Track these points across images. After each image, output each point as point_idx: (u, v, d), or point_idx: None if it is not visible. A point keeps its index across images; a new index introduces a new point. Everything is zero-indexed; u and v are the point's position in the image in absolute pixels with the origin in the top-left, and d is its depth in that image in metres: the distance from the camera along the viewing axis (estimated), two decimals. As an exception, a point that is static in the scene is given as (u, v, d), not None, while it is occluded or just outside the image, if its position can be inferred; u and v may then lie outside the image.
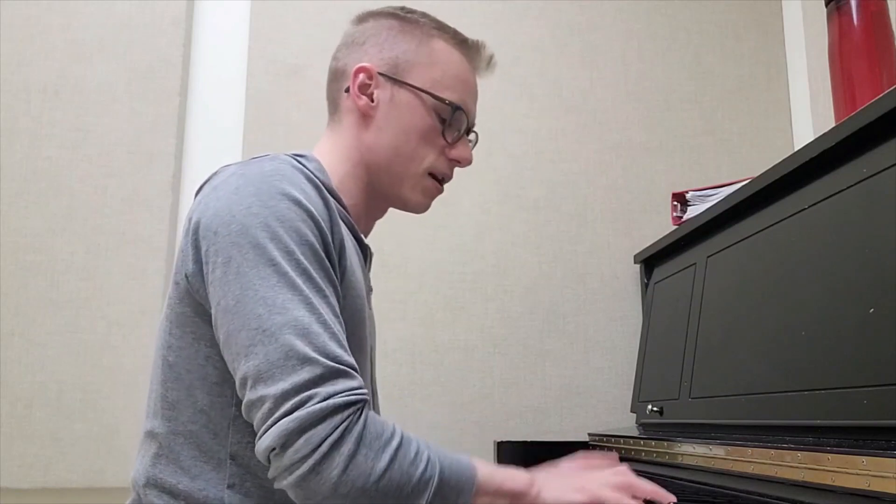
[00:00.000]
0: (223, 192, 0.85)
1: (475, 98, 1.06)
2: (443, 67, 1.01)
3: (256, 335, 0.77)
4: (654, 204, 1.86)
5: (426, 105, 0.99)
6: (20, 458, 1.59)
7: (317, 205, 0.85)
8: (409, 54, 1.00)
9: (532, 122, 1.88)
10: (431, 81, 1.00)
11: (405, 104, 0.99)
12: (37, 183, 1.70)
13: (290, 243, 0.80)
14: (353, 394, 0.77)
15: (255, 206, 0.81)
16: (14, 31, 1.76)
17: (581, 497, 0.86)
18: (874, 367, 0.81)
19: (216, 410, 0.85)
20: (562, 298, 1.81)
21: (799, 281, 1.00)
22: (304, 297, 0.79)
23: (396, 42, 1.01)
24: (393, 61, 1.00)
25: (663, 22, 1.96)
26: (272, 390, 0.75)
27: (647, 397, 1.49)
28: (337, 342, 0.79)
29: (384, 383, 1.70)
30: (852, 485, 0.69)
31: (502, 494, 0.84)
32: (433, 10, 1.08)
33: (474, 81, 1.06)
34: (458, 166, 1.05)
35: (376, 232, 1.13)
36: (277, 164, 0.86)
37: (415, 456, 0.79)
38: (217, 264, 0.81)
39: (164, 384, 0.88)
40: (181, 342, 0.87)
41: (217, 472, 0.84)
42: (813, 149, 1.02)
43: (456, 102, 1.00)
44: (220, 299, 0.80)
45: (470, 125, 1.05)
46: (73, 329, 1.65)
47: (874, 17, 1.26)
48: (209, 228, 0.83)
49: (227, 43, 1.85)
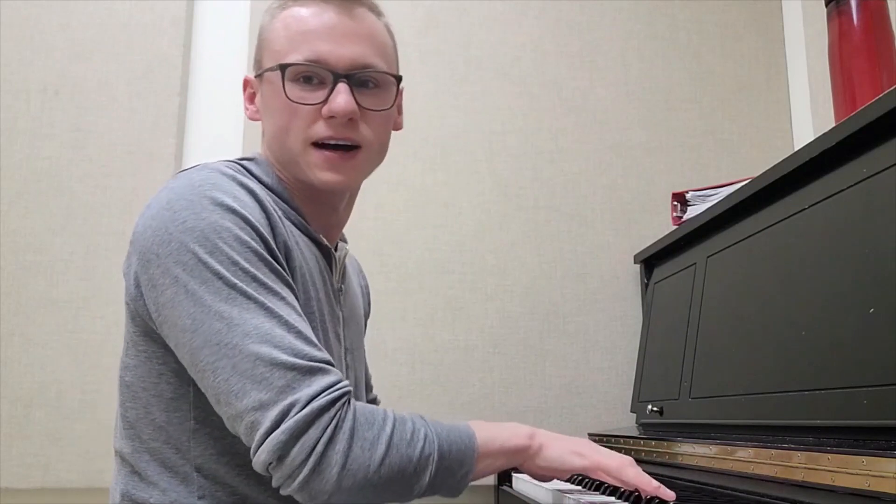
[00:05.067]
0: (155, 209, 0.83)
1: (332, 39, 0.91)
2: (282, 36, 0.93)
3: (220, 350, 0.76)
4: (654, 204, 1.86)
5: (276, 81, 0.91)
6: (20, 458, 1.59)
7: (252, 209, 0.83)
8: (262, 45, 0.97)
9: (532, 122, 1.88)
10: (275, 55, 0.93)
11: (267, 91, 0.94)
12: (37, 183, 1.70)
13: (232, 253, 0.79)
14: (335, 390, 0.76)
15: (190, 219, 0.79)
16: (14, 31, 1.76)
17: (580, 462, 0.86)
18: (874, 367, 0.81)
19: (174, 426, 0.85)
20: (562, 298, 1.81)
21: (799, 281, 1.00)
22: (259, 303, 0.78)
23: (258, 41, 0.98)
24: (257, 60, 0.98)
25: (663, 22, 1.96)
26: (246, 403, 0.74)
27: (647, 397, 1.49)
28: (304, 339, 0.78)
29: (384, 383, 1.71)
30: (852, 485, 0.69)
31: (503, 453, 0.84)
32: (433, 10, 1.08)
33: (322, 23, 0.92)
34: (335, 120, 0.90)
35: (376, 232, 1.13)
36: (206, 174, 0.84)
37: (411, 436, 0.78)
38: (166, 285, 0.79)
39: (123, 404, 0.88)
40: (135, 361, 0.87)
41: (186, 486, 0.84)
42: (813, 149, 1.02)
43: (301, 60, 0.90)
44: (176, 320, 0.79)
45: (336, 72, 0.90)
46: (73, 329, 1.65)
47: (874, 17, 1.26)
48: (150, 251, 0.81)
49: (227, 43, 1.86)
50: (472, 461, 0.81)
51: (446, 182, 1.82)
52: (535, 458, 0.86)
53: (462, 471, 0.80)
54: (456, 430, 0.82)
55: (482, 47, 1.88)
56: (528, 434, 0.86)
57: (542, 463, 0.86)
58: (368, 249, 1.77)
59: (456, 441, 0.81)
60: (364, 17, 0.95)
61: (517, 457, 0.85)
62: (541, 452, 0.86)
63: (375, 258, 1.77)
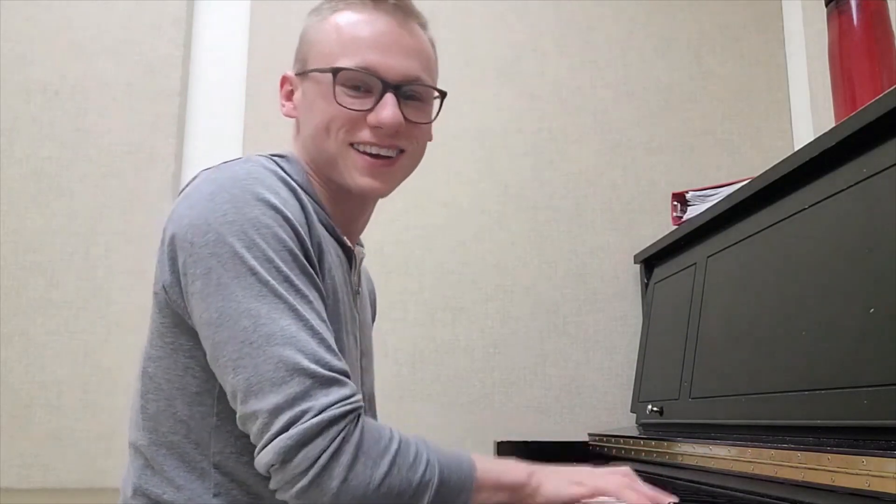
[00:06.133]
0: (196, 199, 0.83)
1: (383, 50, 0.93)
2: (335, 38, 0.94)
3: (244, 348, 0.76)
4: (654, 204, 1.86)
5: (326, 82, 0.92)
6: (20, 458, 1.59)
7: (293, 208, 0.83)
8: (309, 46, 0.97)
9: (532, 122, 1.88)
10: (325, 58, 0.93)
11: (311, 92, 0.95)
12: (37, 183, 1.70)
13: (269, 251, 0.79)
14: (348, 403, 0.77)
15: (231, 213, 0.79)
16: (14, 31, 1.76)
17: (580, 490, 0.86)
18: (874, 367, 0.81)
19: (196, 421, 0.84)
20: (562, 298, 1.81)
21: (799, 281, 1.00)
22: (289, 304, 0.78)
23: (303, 40, 0.99)
24: (300, 59, 0.98)
25: (663, 22, 1.96)
26: (264, 405, 0.75)
27: (647, 397, 1.49)
28: (326, 347, 0.79)
29: (384, 383, 1.70)
30: (852, 485, 0.69)
31: (502, 487, 0.84)
32: (433, 11, 1.08)
33: (376, 32, 0.93)
34: (381, 131, 0.92)
35: (376, 232, 1.13)
36: (251, 167, 0.85)
37: (413, 460, 0.78)
38: (196, 276, 0.79)
39: (145, 396, 0.88)
40: (160, 353, 0.87)
41: (202, 482, 0.84)
42: (813, 149, 1.02)
43: (351, 66, 0.91)
44: (202, 312, 0.79)
45: (386, 83, 0.92)
46: (73, 329, 1.65)
47: (874, 17, 1.26)
48: (185, 239, 0.81)
49: (227, 43, 1.86)
50: (469, 491, 0.81)
51: (446, 182, 1.82)
52: (535, 496, 0.86)
53: (460, 500, 0.81)
54: (457, 459, 0.82)
55: (482, 47, 1.88)
56: (527, 472, 0.86)
57: (541, 500, 0.86)
58: (368, 249, 1.76)
59: (456, 470, 0.81)
60: (414, 31, 0.97)
61: (515, 493, 0.85)
62: (539, 490, 0.86)
63: (375, 258, 1.76)
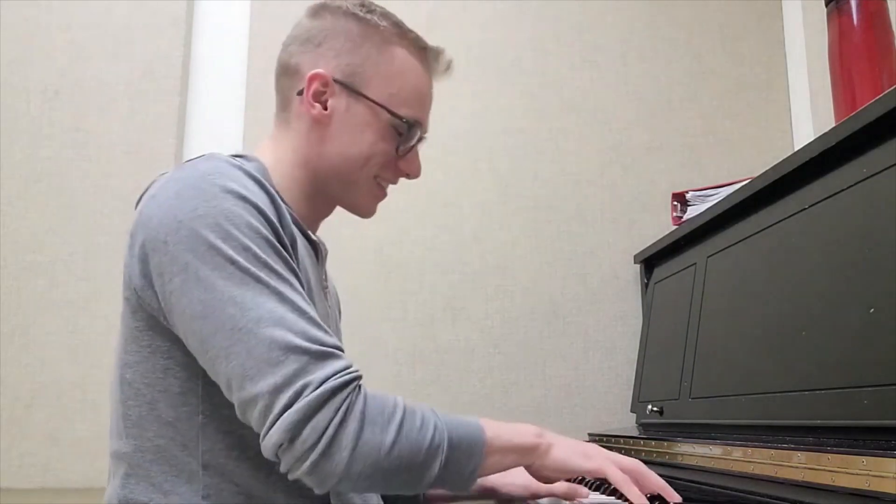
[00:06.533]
0: (163, 199, 0.82)
1: (430, 107, 1.03)
2: (401, 80, 0.97)
3: (234, 334, 0.76)
4: (654, 204, 1.86)
5: (381, 120, 0.96)
6: (20, 458, 1.59)
7: (261, 198, 0.83)
8: (367, 64, 0.96)
9: (532, 122, 1.88)
10: (388, 96, 0.96)
11: (360, 116, 0.95)
12: (37, 183, 1.71)
13: (244, 239, 0.79)
14: (347, 373, 0.77)
15: (201, 207, 0.79)
16: (14, 31, 1.76)
17: (588, 464, 0.86)
18: (874, 367, 0.81)
19: (182, 421, 0.84)
20: (562, 298, 1.81)
21: (799, 281, 1.00)
22: (272, 288, 0.78)
23: (354, 49, 0.96)
24: (350, 70, 0.96)
25: (663, 22, 1.96)
26: (262, 387, 0.74)
27: (647, 397, 1.49)
28: (316, 325, 0.79)
29: (385, 383, 1.71)
30: (852, 485, 0.69)
31: (513, 450, 0.84)
32: (433, 11, 1.08)
33: (430, 90, 1.02)
34: (407, 178, 1.03)
35: (376, 232, 1.13)
36: (214, 163, 0.85)
37: (421, 425, 0.78)
38: (174, 273, 0.79)
39: (125, 402, 0.87)
40: (137, 357, 0.86)
41: (190, 485, 0.83)
42: (813, 149, 1.02)
43: (412, 119, 0.97)
44: (185, 308, 0.78)
45: (422, 137, 1.02)
46: (73, 329, 1.65)
47: (874, 17, 1.26)
48: (157, 239, 0.80)
49: (227, 43, 1.86)
50: (481, 454, 0.81)
51: (446, 182, 1.82)
52: (544, 458, 0.85)
53: (471, 464, 0.80)
54: (465, 423, 0.82)
55: (482, 47, 1.88)
56: (537, 433, 0.86)
57: (550, 463, 0.86)
58: (368, 249, 1.77)
59: (465, 434, 0.80)
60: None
61: (526, 455, 0.85)
62: (550, 452, 0.85)
63: (375, 258, 1.77)
